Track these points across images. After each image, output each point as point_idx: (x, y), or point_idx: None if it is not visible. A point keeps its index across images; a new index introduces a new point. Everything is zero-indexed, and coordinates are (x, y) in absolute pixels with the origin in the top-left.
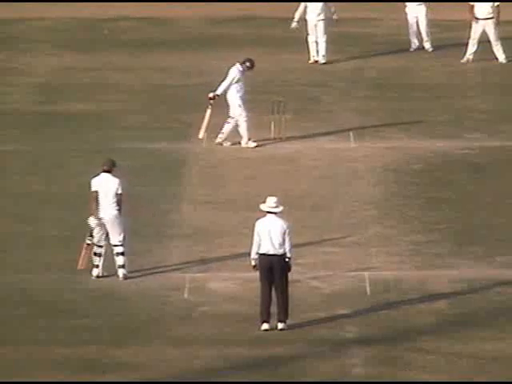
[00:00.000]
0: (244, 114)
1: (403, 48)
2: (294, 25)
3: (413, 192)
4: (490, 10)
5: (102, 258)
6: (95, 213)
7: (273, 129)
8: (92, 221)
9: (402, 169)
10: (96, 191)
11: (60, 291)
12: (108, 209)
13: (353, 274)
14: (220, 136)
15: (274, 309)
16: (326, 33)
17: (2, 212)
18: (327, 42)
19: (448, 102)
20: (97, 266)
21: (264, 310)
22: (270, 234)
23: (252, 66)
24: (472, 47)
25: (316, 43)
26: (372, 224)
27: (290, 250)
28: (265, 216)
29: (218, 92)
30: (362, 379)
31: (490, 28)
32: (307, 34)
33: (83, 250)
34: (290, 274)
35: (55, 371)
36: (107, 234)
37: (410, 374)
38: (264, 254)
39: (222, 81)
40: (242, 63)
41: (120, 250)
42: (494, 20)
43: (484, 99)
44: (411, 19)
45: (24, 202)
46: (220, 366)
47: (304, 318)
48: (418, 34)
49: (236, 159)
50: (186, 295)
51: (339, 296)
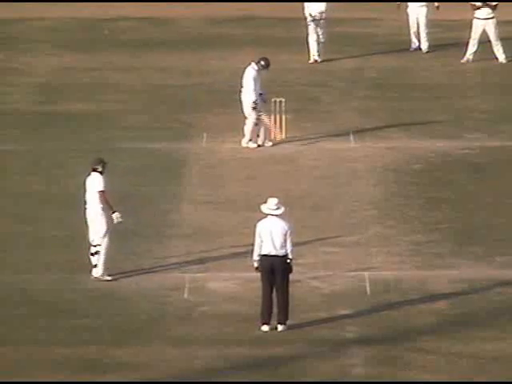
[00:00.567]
0: (254, 114)
1: (403, 48)
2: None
3: (413, 192)
4: (490, 10)
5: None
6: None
7: (273, 129)
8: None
9: (402, 169)
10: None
11: (60, 291)
12: (90, 206)
13: (353, 273)
14: (244, 140)
15: (274, 309)
16: (324, 33)
17: (2, 212)
18: (325, 42)
19: (448, 102)
20: (95, 266)
21: (265, 310)
22: (271, 235)
23: (267, 65)
24: (472, 47)
25: (317, 43)
26: (372, 224)
27: (291, 251)
28: (266, 217)
29: (254, 98)
30: (362, 379)
31: (490, 28)
32: (308, 33)
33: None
34: (290, 275)
35: (55, 371)
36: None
37: (410, 374)
38: (265, 256)
39: (241, 81)
40: (257, 62)
41: (93, 249)
42: (494, 20)
43: (484, 99)
44: (412, 19)
45: (24, 202)
46: (220, 366)
47: (304, 318)
48: (418, 34)
49: (236, 159)
50: (185, 295)
51: (339, 296)
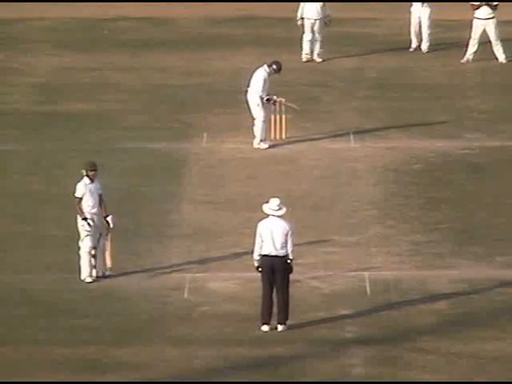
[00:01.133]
0: (262, 114)
1: (403, 48)
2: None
3: (413, 192)
4: (491, 10)
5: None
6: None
7: (273, 129)
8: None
9: (402, 169)
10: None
11: (60, 291)
12: None
13: (353, 273)
14: (256, 140)
15: (274, 309)
16: (321, 32)
17: (2, 212)
18: (323, 42)
19: (448, 102)
20: (94, 267)
21: (265, 311)
22: (272, 236)
23: (279, 69)
24: (472, 47)
25: (310, 42)
26: (372, 224)
27: (292, 252)
28: (267, 217)
29: (264, 96)
30: (362, 379)
31: (490, 28)
32: (303, 32)
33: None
34: (290, 275)
35: (55, 371)
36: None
37: (410, 374)
38: (266, 256)
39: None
40: (270, 65)
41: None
42: (494, 20)
43: (484, 99)
44: (414, 19)
45: (24, 202)
46: (220, 366)
47: (304, 318)
48: (419, 34)
49: (236, 159)
50: (186, 295)
51: (339, 296)
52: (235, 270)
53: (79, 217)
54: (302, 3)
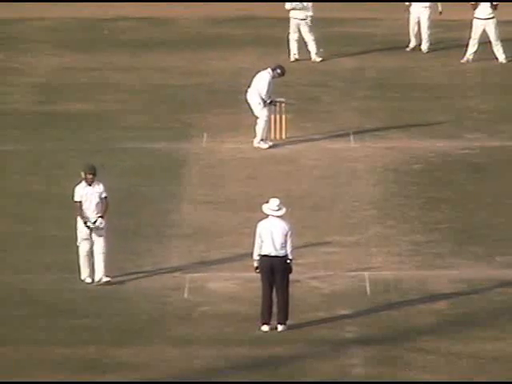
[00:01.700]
0: (265, 113)
1: (403, 48)
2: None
3: (413, 192)
4: (490, 10)
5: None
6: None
7: (273, 129)
8: None
9: (402, 169)
10: None
11: (60, 291)
12: None
13: (353, 273)
14: (256, 140)
15: (274, 309)
16: (310, 31)
17: (2, 212)
18: (316, 41)
19: (448, 102)
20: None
21: (265, 311)
22: (271, 236)
23: (283, 74)
24: (472, 47)
25: (298, 42)
26: (372, 224)
27: (291, 252)
28: (267, 217)
29: (267, 99)
30: (362, 379)
31: (490, 28)
32: (289, 32)
33: None
34: (290, 275)
35: (55, 371)
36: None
37: (410, 374)
38: (266, 256)
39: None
40: (274, 69)
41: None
42: (494, 20)
43: (484, 99)
44: (413, 19)
45: (24, 202)
46: (220, 365)
47: (304, 318)
48: (418, 34)
49: (236, 159)
50: (186, 295)
51: (339, 296)
52: (235, 270)
53: (81, 220)
54: (289, 3)
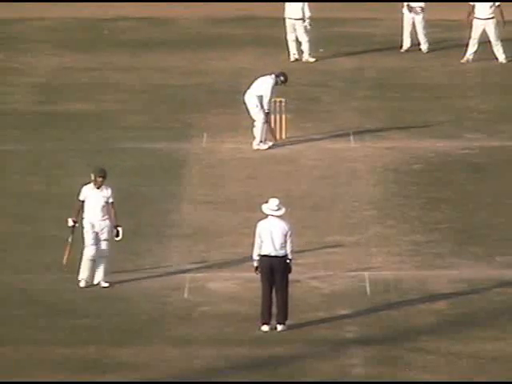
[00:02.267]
0: (262, 115)
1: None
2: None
3: (413, 192)
4: (490, 10)
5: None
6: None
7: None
8: None
9: (402, 169)
10: None
11: (60, 291)
12: None
13: (353, 273)
14: (255, 142)
15: (274, 309)
16: (306, 31)
17: (2, 212)
18: (310, 41)
19: (448, 102)
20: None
21: (265, 311)
22: (271, 236)
23: (285, 81)
24: (472, 47)
25: (296, 42)
26: (372, 224)
27: (291, 252)
28: (266, 217)
29: (266, 109)
30: (362, 379)
31: (490, 28)
32: (286, 32)
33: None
34: (290, 275)
35: (55, 371)
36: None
37: (410, 374)
38: (265, 256)
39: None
40: (277, 76)
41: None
42: (494, 20)
43: (484, 99)
44: (407, 20)
45: (24, 202)
46: (220, 365)
47: (304, 318)
48: (414, 34)
49: (236, 159)
50: (186, 295)
51: (339, 296)
52: (235, 270)
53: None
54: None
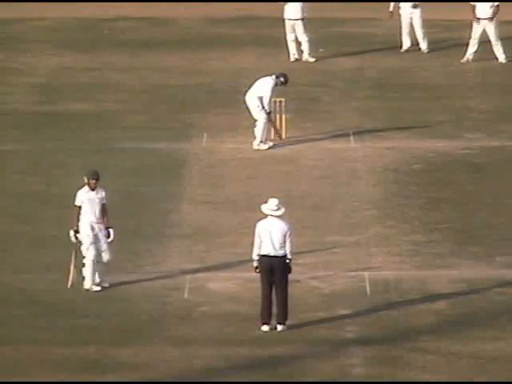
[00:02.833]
0: (264, 115)
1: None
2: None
3: (413, 192)
4: (490, 10)
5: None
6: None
7: (273, 129)
8: None
9: (402, 169)
10: None
11: (60, 291)
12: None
13: (353, 273)
14: (256, 142)
15: (274, 309)
16: (305, 32)
17: (2, 212)
18: (310, 41)
19: (448, 102)
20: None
21: (265, 311)
22: (270, 236)
23: (286, 82)
24: (472, 47)
25: (296, 42)
26: (372, 224)
27: (290, 252)
28: (266, 217)
29: (267, 109)
30: (362, 379)
31: (490, 28)
32: (285, 33)
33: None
34: (290, 275)
35: (55, 371)
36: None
37: (410, 374)
38: (265, 256)
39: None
40: (277, 77)
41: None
42: (494, 20)
43: (484, 99)
44: (405, 20)
45: (24, 202)
46: (220, 365)
47: (304, 318)
48: (412, 34)
49: (236, 159)
50: (186, 295)
51: (339, 296)
52: (235, 270)
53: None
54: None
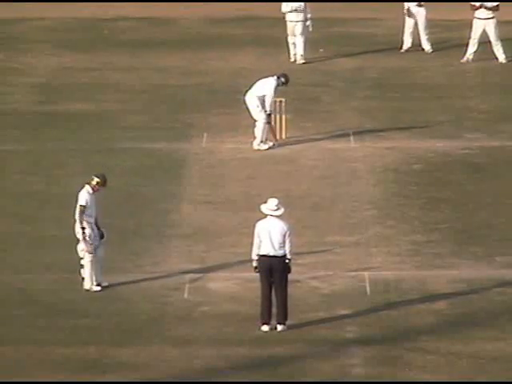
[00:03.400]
0: (263, 116)
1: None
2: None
3: (413, 192)
4: (490, 11)
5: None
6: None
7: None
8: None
9: (402, 169)
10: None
11: (60, 291)
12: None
13: (353, 274)
14: (256, 142)
15: (274, 309)
16: (303, 34)
17: (2, 212)
18: (305, 43)
19: (448, 102)
20: (83, 279)
21: (264, 311)
22: (270, 236)
23: (286, 82)
24: (472, 47)
25: (294, 44)
26: (372, 224)
27: (290, 252)
28: (265, 217)
29: (269, 110)
30: (362, 379)
31: (490, 28)
32: (287, 34)
33: None
34: (289, 275)
35: (55, 371)
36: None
37: (410, 374)
38: (264, 256)
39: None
40: (278, 77)
41: (81, 262)
42: (494, 20)
43: (484, 99)
44: (410, 20)
45: (24, 202)
46: (220, 365)
47: (304, 318)
48: (416, 34)
49: (236, 159)
50: (185, 295)
51: (339, 296)
52: (235, 270)
53: (78, 225)
54: (284, 4)
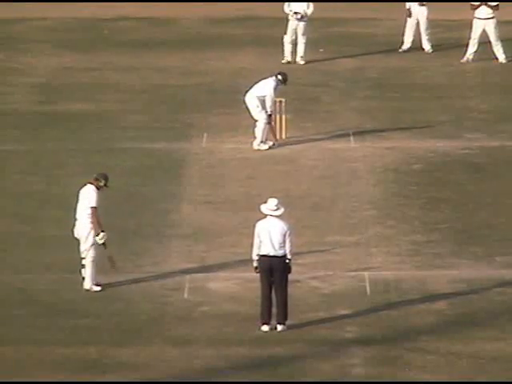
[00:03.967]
0: (264, 116)
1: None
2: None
3: (413, 192)
4: (490, 10)
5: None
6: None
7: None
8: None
9: (402, 169)
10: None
11: (60, 291)
12: (79, 220)
13: (353, 273)
14: (256, 142)
15: (274, 309)
16: (305, 34)
17: (2, 212)
18: (306, 44)
19: (448, 102)
20: (83, 279)
21: (264, 311)
22: (270, 236)
23: (285, 81)
24: (472, 47)
25: (292, 44)
26: (372, 224)
27: (290, 252)
28: (265, 217)
29: (269, 111)
30: (362, 379)
31: (490, 28)
32: (284, 33)
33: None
34: (289, 275)
35: (55, 371)
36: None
37: (410, 374)
38: (264, 256)
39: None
40: (277, 77)
41: (83, 262)
42: (494, 20)
43: (484, 99)
44: (412, 20)
45: (24, 202)
46: (220, 365)
47: (304, 318)
48: (417, 34)
49: (236, 159)
50: (185, 295)
51: (339, 296)
52: (235, 270)
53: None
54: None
